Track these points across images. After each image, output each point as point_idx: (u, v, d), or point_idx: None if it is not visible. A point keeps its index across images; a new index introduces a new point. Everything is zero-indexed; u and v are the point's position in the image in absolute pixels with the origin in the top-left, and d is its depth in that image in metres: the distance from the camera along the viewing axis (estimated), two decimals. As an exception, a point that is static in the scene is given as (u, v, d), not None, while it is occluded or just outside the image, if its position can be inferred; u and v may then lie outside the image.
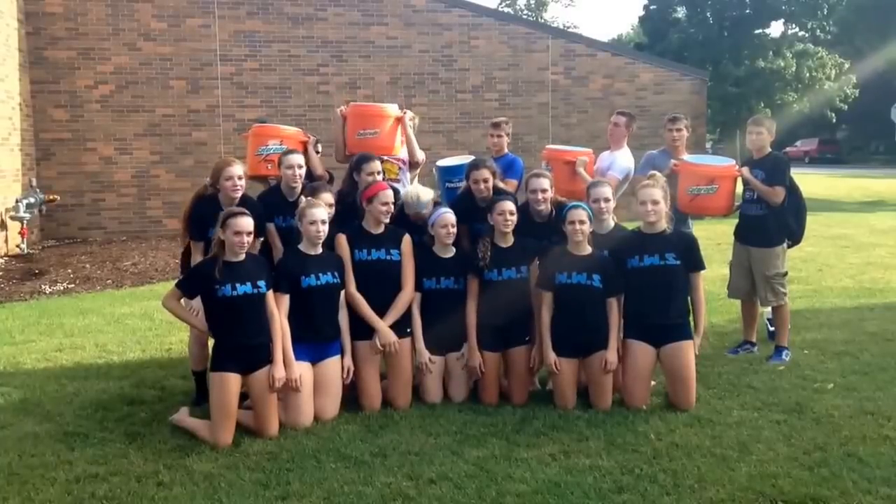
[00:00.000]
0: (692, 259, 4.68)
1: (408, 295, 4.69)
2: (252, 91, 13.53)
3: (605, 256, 4.68)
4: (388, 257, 4.67)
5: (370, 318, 4.60)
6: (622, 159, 5.79)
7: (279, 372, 4.20)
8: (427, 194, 4.95)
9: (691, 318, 4.72)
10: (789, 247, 5.70)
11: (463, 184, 5.24)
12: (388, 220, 4.70)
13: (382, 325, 4.59)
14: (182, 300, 4.34)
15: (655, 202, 4.63)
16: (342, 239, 4.67)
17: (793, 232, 5.63)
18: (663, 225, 4.69)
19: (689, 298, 4.71)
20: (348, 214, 4.88)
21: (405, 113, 5.61)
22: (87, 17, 12.91)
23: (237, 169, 4.66)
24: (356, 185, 4.99)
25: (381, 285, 4.66)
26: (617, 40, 48.50)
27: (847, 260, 9.92)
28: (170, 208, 13.10)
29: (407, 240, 4.75)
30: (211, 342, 4.45)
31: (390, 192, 4.71)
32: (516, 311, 4.74)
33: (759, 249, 5.58)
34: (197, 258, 4.67)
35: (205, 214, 4.64)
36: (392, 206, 4.69)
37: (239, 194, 4.65)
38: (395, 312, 4.64)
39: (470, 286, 4.77)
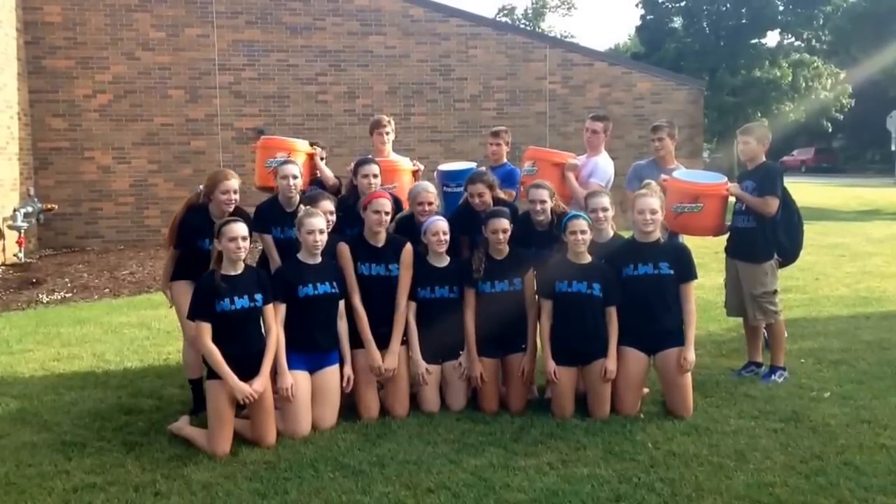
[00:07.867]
0: (685, 268, 4.68)
1: (402, 312, 4.71)
2: (250, 100, 13.56)
3: (604, 265, 4.68)
4: (388, 273, 4.68)
5: (366, 337, 4.62)
6: (604, 165, 5.67)
7: (260, 385, 4.14)
8: (430, 185, 5.06)
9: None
10: (780, 266, 5.35)
11: (461, 189, 5.26)
12: (381, 230, 4.69)
13: (374, 351, 4.62)
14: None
15: (654, 212, 4.65)
16: (345, 250, 4.68)
17: (784, 249, 5.28)
18: (657, 234, 4.71)
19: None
20: (347, 220, 4.91)
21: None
22: (86, 26, 12.95)
23: (233, 183, 4.65)
24: (356, 189, 5.04)
25: (380, 300, 4.67)
26: (614, 50, 48.74)
27: (843, 269, 9.95)
28: (168, 217, 12.87)
29: (408, 249, 4.73)
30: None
31: (385, 202, 4.69)
32: (511, 322, 4.75)
33: (745, 265, 5.28)
34: (170, 266, 4.81)
35: (194, 224, 4.65)
36: (384, 217, 4.66)
37: (231, 208, 4.64)
38: (397, 334, 4.68)
39: (466, 297, 4.78)
